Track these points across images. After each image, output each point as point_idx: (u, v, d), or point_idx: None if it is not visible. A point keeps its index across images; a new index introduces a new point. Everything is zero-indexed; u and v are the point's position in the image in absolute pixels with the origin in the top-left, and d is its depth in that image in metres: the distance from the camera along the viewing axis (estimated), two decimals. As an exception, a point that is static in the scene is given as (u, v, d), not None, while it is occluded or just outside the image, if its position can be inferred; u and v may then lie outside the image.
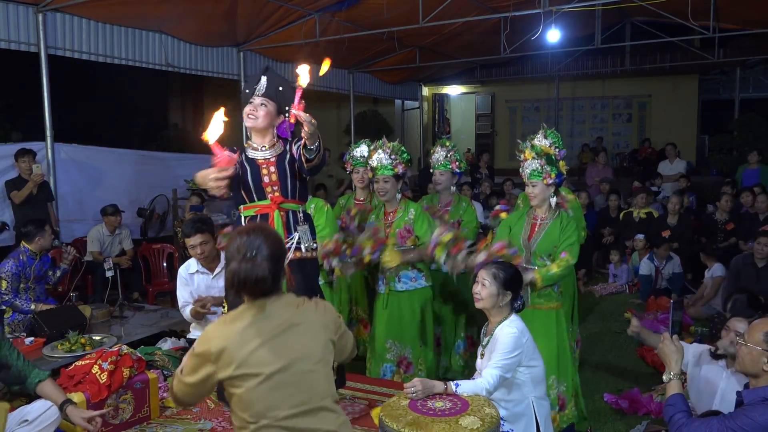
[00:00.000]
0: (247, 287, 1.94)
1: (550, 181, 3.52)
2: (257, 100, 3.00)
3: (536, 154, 3.53)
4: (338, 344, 2.09)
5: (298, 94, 2.71)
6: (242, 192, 3.08)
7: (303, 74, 2.69)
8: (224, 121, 2.70)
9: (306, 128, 2.70)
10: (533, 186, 3.54)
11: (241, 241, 1.95)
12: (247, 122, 3.03)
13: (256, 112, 3.00)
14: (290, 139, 3.11)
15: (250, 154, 3.07)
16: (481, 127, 16.10)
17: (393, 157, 4.07)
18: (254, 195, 3.04)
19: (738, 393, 2.43)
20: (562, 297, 3.65)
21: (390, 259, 3.89)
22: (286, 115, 3.05)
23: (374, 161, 4.12)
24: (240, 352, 1.90)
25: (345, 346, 2.15)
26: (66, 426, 3.24)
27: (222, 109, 2.74)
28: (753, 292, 4.15)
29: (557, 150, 3.63)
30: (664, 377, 2.51)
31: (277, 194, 3.02)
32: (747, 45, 11.25)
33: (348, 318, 4.83)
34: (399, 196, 4.14)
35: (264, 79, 3.01)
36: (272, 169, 3.03)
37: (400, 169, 4.08)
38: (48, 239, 5.08)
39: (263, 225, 2.13)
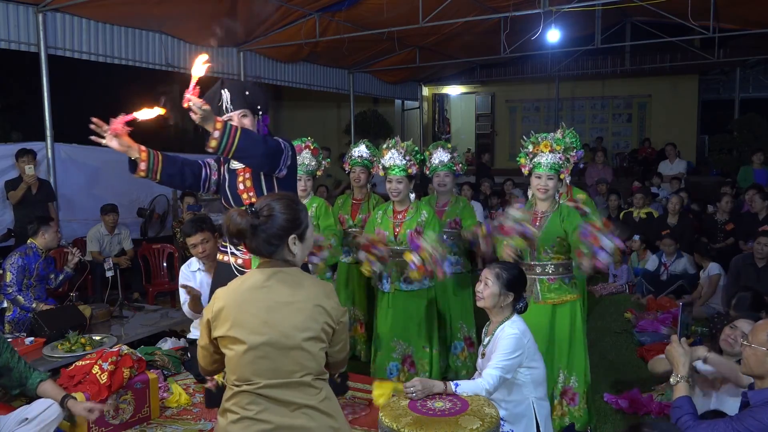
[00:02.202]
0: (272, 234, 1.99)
1: (566, 176, 3.52)
2: (234, 115, 2.94)
3: (565, 149, 3.49)
4: (335, 336, 2.09)
5: (193, 82, 2.63)
6: (223, 201, 3.09)
7: (198, 65, 2.65)
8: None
9: (195, 114, 2.62)
10: (549, 179, 3.46)
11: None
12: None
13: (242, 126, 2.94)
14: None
15: (233, 164, 3.05)
16: (481, 127, 16.10)
17: (408, 158, 4.08)
18: (232, 202, 3.04)
19: (744, 394, 2.41)
20: (576, 288, 3.55)
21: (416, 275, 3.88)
22: (260, 114, 3.01)
23: (387, 160, 4.12)
24: (235, 314, 1.98)
25: (340, 342, 2.14)
26: (66, 426, 3.24)
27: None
28: (758, 291, 4.16)
29: (575, 151, 3.62)
30: (671, 380, 2.50)
31: (253, 199, 2.99)
32: (747, 45, 11.25)
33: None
34: (412, 196, 4.16)
35: (226, 92, 2.95)
36: (247, 175, 3.01)
37: (413, 170, 4.09)
38: (53, 235, 5.10)
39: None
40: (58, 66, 7.12)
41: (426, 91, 15.42)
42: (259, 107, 3.01)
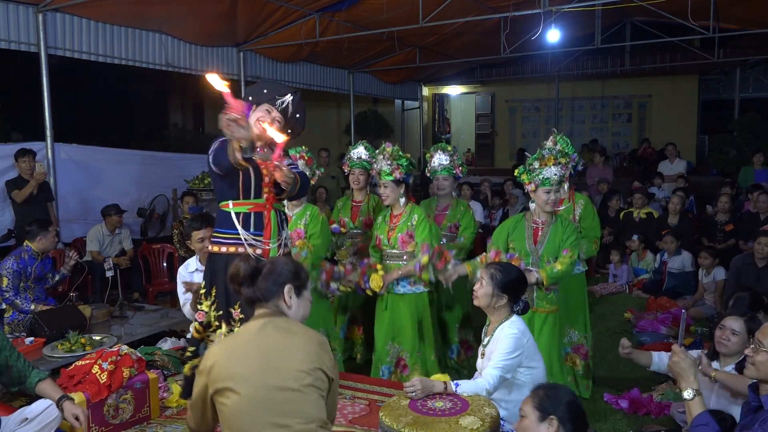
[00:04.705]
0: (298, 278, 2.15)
1: (565, 183, 3.56)
2: (275, 113, 2.98)
3: (568, 159, 3.52)
4: (332, 387, 2.08)
5: (279, 147, 2.67)
6: (238, 187, 2.98)
7: (217, 81, 2.56)
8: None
9: (281, 180, 2.79)
10: (557, 191, 3.54)
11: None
12: (255, 128, 2.93)
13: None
14: None
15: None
16: (481, 127, 16.11)
17: (389, 162, 4.09)
18: (252, 192, 2.99)
19: (755, 397, 2.34)
20: (558, 301, 3.68)
21: (376, 284, 4.03)
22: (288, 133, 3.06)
23: (377, 167, 4.17)
24: (227, 366, 1.96)
25: (331, 397, 2.12)
26: (67, 426, 3.24)
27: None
28: (756, 291, 4.14)
29: (570, 156, 3.65)
30: (684, 394, 2.31)
31: (272, 194, 3.02)
32: (747, 45, 11.25)
33: (344, 320, 4.84)
34: (403, 200, 4.15)
35: (289, 98, 2.99)
36: (267, 179, 2.99)
37: (397, 174, 4.08)
38: (50, 240, 5.09)
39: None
40: (58, 66, 7.13)
41: (426, 91, 15.42)
42: (289, 132, 3.07)
